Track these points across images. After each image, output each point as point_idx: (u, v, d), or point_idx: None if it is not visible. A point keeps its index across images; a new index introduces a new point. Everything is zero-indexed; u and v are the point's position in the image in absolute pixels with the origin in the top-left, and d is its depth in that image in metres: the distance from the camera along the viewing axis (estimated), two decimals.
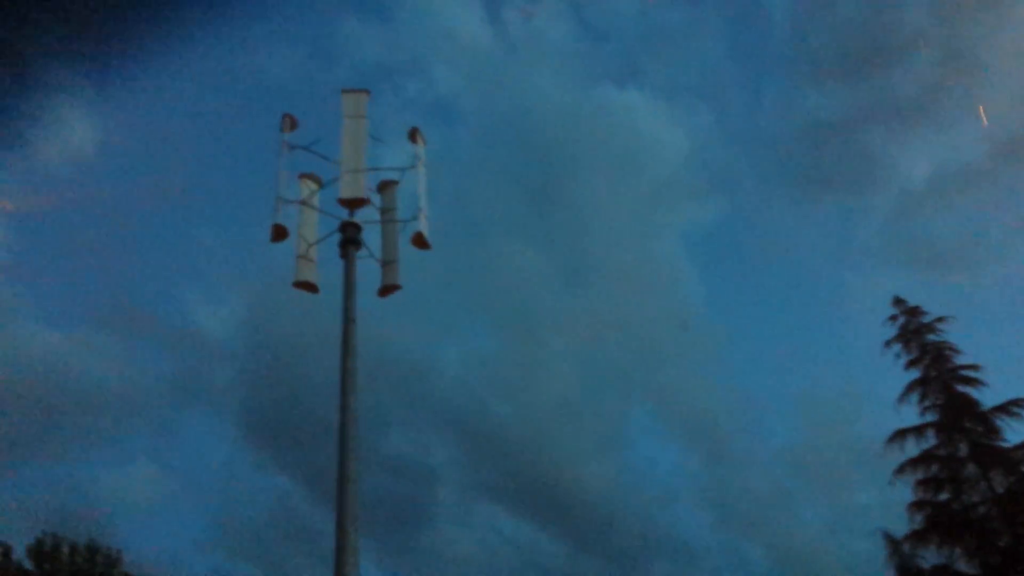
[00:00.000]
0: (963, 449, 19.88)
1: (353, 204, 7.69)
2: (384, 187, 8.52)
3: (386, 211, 8.45)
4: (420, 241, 7.86)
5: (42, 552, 34.08)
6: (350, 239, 7.54)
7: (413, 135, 8.45)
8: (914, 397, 20.86)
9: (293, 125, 8.01)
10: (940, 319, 21.62)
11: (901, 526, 19.82)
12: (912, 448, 20.38)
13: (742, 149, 68.82)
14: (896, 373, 21.44)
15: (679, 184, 61.98)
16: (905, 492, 20.06)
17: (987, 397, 20.43)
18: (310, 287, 7.71)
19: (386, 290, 8.01)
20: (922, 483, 19.98)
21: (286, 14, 7.80)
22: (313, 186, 8.14)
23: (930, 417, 20.54)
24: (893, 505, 20.42)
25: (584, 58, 67.99)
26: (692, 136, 64.64)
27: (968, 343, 23.17)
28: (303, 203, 7.98)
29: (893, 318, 22.16)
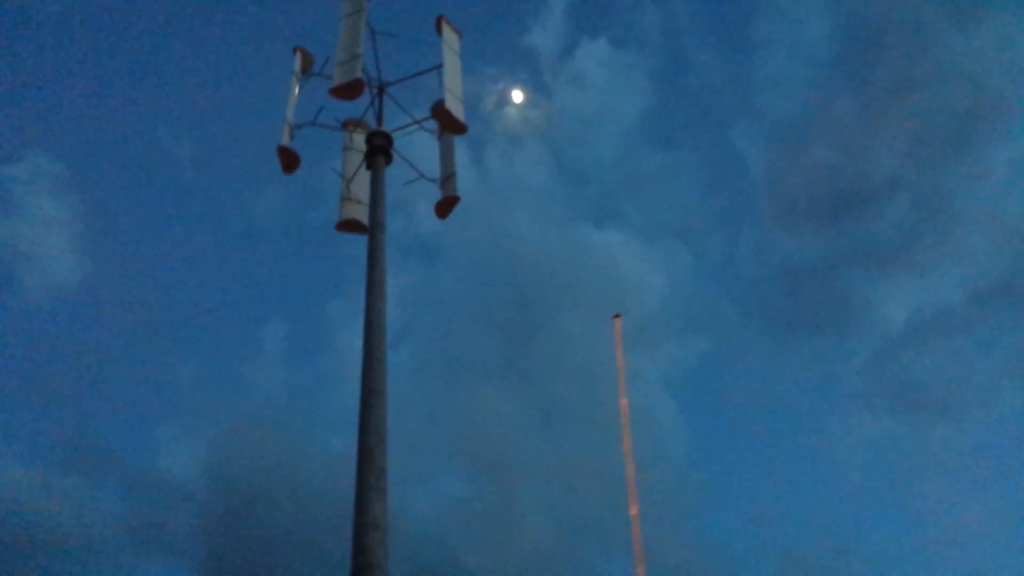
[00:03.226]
0: None
1: (344, 91, 7.21)
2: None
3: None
4: (449, 119, 7.44)
5: None
6: (378, 148, 7.48)
7: (439, 24, 7.99)
8: None
9: (305, 60, 7.89)
10: None
11: None
12: None
13: (721, 290, 67.84)
14: (881, 522, 19.18)
15: (658, 324, 60.65)
16: None
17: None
18: (358, 226, 7.71)
19: (446, 203, 7.93)
20: None
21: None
22: (356, 130, 8.20)
23: None
24: None
25: (563, 200, 67.00)
26: (671, 276, 63.46)
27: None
28: (346, 149, 8.17)
29: None
